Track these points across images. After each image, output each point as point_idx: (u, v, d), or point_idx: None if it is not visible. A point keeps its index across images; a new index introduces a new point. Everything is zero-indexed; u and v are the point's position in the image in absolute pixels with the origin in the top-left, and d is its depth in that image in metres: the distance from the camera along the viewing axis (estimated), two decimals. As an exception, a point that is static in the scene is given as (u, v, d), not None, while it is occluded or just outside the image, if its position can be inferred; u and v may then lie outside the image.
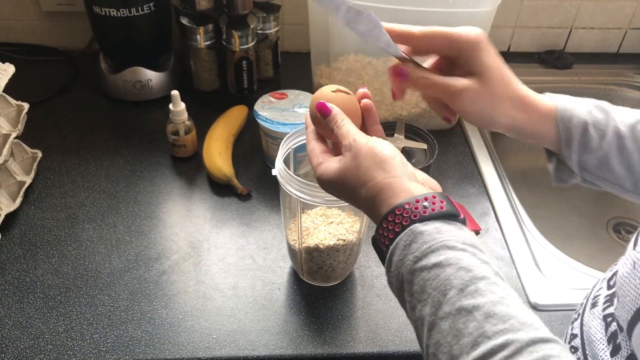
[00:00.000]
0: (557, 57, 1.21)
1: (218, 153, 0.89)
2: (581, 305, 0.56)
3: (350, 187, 0.47)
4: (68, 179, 0.89)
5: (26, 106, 0.86)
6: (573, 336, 0.55)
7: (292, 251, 0.74)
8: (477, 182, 0.94)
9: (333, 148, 0.52)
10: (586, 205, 1.12)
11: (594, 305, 0.53)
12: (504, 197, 0.91)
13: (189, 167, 0.92)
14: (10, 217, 0.81)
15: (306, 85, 0.99)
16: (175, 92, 0.87)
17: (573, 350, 0.54)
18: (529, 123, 0.52)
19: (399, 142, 0.87)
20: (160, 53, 1.07)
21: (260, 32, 1.00)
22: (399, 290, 0.42)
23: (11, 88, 0.82)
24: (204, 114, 0.97)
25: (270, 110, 0.88)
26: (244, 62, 0.98)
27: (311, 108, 0.52)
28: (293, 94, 0.92)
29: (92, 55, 1.07)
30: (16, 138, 0.83)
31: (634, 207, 1.11)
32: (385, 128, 0.55)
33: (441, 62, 0.54)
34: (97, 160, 0.92)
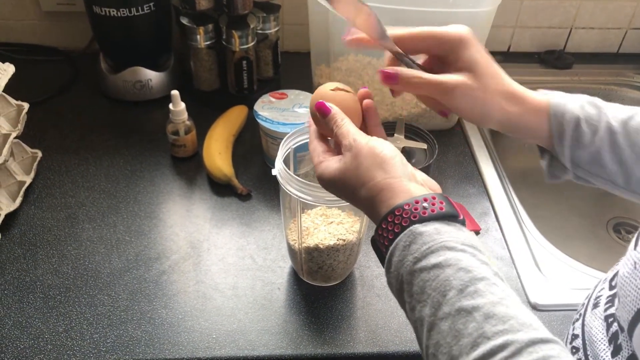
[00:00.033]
0: (557, 57, 1.21)
1: (218, 153, 0.89)
2: (582, 305, 0.56)
3: (350, 187, 0.47)
4: (68, 179, 0.89)
5: (26, 106, 0.86)
6: (574, 336, 0.55)
7: (292, 251, 0.74)
8: (477, 182, 0.93)
9: (335, 147, 0.52)
10: (586, 205, 1.11)
11: (596, 305, 0.53)
12: (504, 197, 0.90)
13: (189, 167, 0.92)
14: (10, 217, 0.81)
15: (306, 85, 0.99)
16: (175, 92, 0.87)
17: (574, 350, 0.53)
18: (522, 117, 0.52)
19: (399, 142, 0.87)
20: (160, 53, 1.07)
21: (260, 32, 1.00)
22: (399, 290, 0.42)
23: (11, 88, 0.82)
24: (204, 114, 0.97)
25: (270, 110, 0.88)
26: (244, 62, 0.98)
27: (311, 107, 0.52)
28: (293, 94, 0.92)
29: (92, 55, 1.07)
30: (16, 138, 0.83)
31: (634, 207, 1.11)
32: (385, 128, 0.55)
33: (430, 62, 0.54)
34: (97, 160, 0.92)
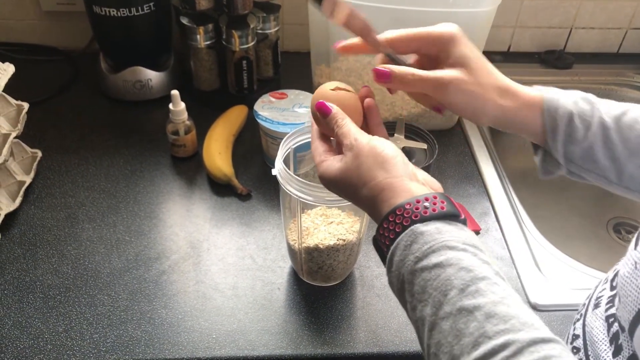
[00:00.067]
0: (557, 57, 1.21)
1: (218, 153, 0.89)
2: (583, 305, 0.56)
3: (351, 187, 0.47)
4: (68, 179, 0.88)
5: (26, 106, 0.86)
6: (575, 337, 0.54)
7: (292, 251, 0.74)
8: (477, 182, 0.93)
9: (336, 146, 0.52)
10: (586, 205, 1.11)
11: (597, 305, 0.52)
12: (504, 197, 0.90)
13: (189, 167, 0.92)
14: (10, 217, 0.81)
15: (306, 85, 0.99)
16: (175, 92, 0.87)
17: (575, 350, 0.53)
18: (516, 111, 0.52)
19: (399, 142, 0.87)
20: (160, 53, 1.06)
21: (260, 32, 1.00)
22: (400, 290, 0.42)
23: (11, 88, 0.82)
24: (204, 114, 0.97)
25: (270, 110, 0.88)
26: (244, 62, 0.98)
27: (312, 107, 0.52)
28: (293, 94, 0.92)
29: (92, 55, 1.07)
30: (16, 138, 0.83)
31: (634, 207, 1.11)
32: (385, 128, 0.55)
33: (421, 61, 0.54)
34: (97, 160, 0.92)
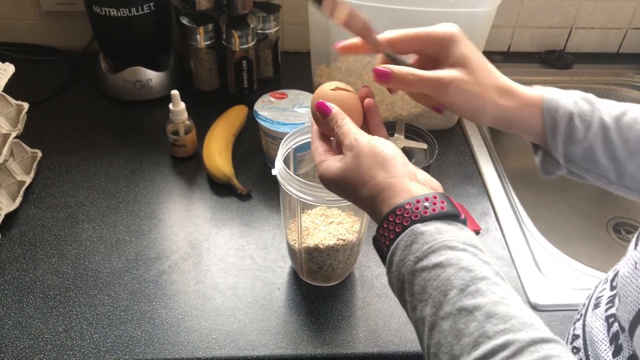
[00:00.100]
0: (558, 57, 1.21)
1: (218, 153, 0.89)
2: (583, 305, 0.56)
3: (351, 187, 0.47)
4: (68, 179, 0.88)
5: (26, 106, 0.86)
6: (575, 337, 0.54)
7: (292, 251, 0.74)
8: (477, 182, 0.93)
9: (336, 146, 0.52)
10: (586, 205, 1.11)
11: (597, 306, 0.52)
12: (504, 197, 0.90)
13: (189, 167, 0.92)
14: (10, 217, 0.81)
15: (306, 85, 0.99)
16: (175, 92, 0.87)
17: (575, 351, 0.53)
18: (516, 111, 0.52)
19: (399, 142, 0.87)
20: (160, 53, 1.06)
21: (260, 32, 1.00)
22: (400, 290, 0.42)
23: (11, 88, 0.82)
24: (204, 114, 0.97)
25: (270, 110, 0.88)
26: (244, 62, 0.98)
27: (312, 107, 0.52)
28: (293, 94, 0.92)
29: (92, 55, 1.07)
30: (16, 138, 0.83)
31: (634, 207, 1.11)
32: (385, 128, 0.55)
33: (421, 61, 0.54)
34: (97, 160, 0.92)
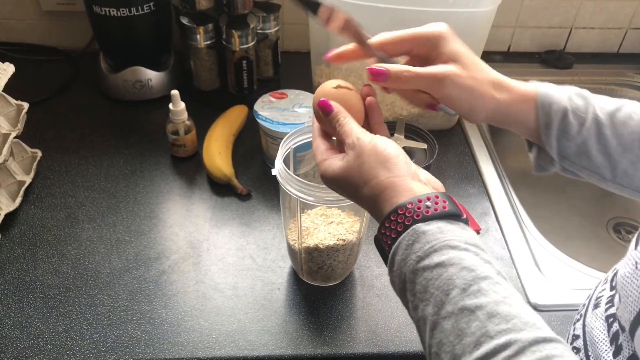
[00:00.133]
0: (558, 57, 1.21)
1: (218, 153, 0.89)
2: (583, 306, 0.56)
3: (353, 186, 0.47)
4: (68, 179, 0.88)
5: (26, 106, 0.86)
6: (575, 337, 0.54)
7: (292, 251, 0.73)
8: (477, 182, 0.93)
9: (338, 145, 0.52)
10: (586, 205, 1.11)
11: (597, 306, 0.52)
12: (504, 197, 0.90)
13: (189, 167, 0.92)
14: (10, 217, 0.81)
15: (306, 85, 0.99)
16: (175, 92, 0.86)
17: (575, 351, 0.53)
18: (511, 105, 0.52)
19: (399, 142, 0.87)
20: (160, 53, 1.06)
21: (260, 32, 1.00)
22: (402, 289, 0.42)
23: (11, 87, 0.82)
24: (204, 114, 0.97)
25: (270, 110, 0.88)
26: (244, 62, 0.98)
27: (314, 105, 0.52)
28: (293, 94, 0.92)
29: (92, 55, 1.07)
30: (16, 137, 0.83)
31: (634, 207, 1.11)
32: (387, 127, 0.55)
33: (412, 63, 0.54)
34: (97, 160, 0.92)
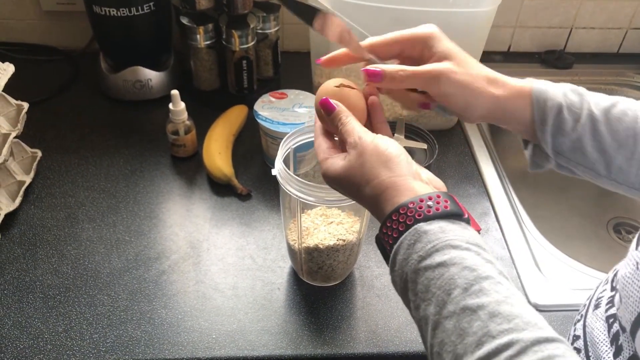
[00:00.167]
0: (558, 57, 1.21)
1: (218, 153, 0.89)
2: (584, 306, 0.56)
3: (354, 185, 0.47)
4: (68, 179, 0.88)
5: (26, 106, 0.86)
6: (576, 337, 0.54)
7: (292, 251, 0.73)
8: (477, 182, 0.93)
9: (339, 144, 0.52)
10: (586, 205, 1.12)
11: (597, 306, 0.52)
12: (504, 197, 0.90)
13: (189, 167, 0.92)
14: (9, 217, 0.81)
15: (306, 85, 0.99)
16: (175, 92, 0.86)
17: (576, 351, 0.53)
18: (506, 100, 0.52)
19: (399, 142, 0.87)
20: (160, 53, 1.06)
21: (260, 32, 1.00)
22: (403, 289, 0.42)
23: (11, 87, 0.82)
24: (204, 114, 0.97)
25: (270, 110, 0.88)
26: (244, 62, 0.98)
27: (316, 104, 0.52)
28: (293, 94, 0.92)
29: (92, 55, 1.07)
30: (16, 137, 0.83)
31: (634, 207, 1.11)
32: (389, 126, 0.54)
33: (403, 64, 0.54)
34: (97, 160, 0.92)
